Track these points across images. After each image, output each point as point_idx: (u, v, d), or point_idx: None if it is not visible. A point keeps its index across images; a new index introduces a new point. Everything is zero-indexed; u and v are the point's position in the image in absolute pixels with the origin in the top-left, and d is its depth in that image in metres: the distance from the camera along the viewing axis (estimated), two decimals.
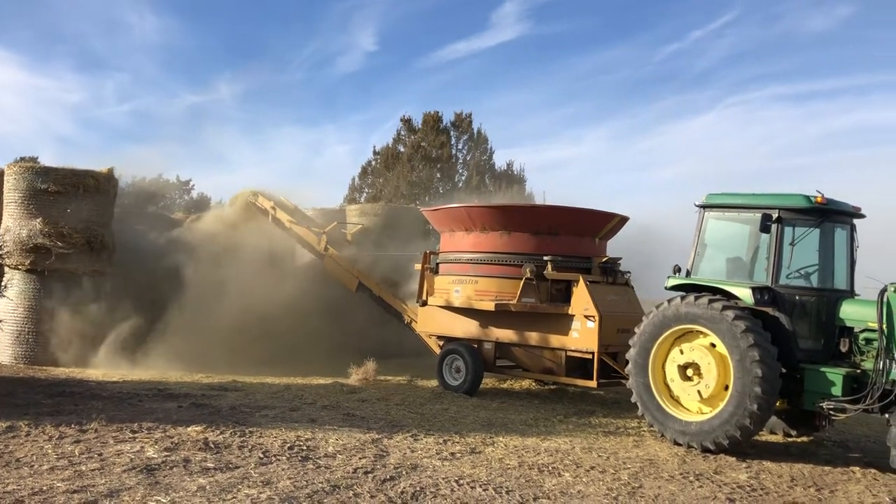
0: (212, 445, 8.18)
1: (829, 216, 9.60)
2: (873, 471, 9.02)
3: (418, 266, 14.16)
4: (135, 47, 62.28)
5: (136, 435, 8.50)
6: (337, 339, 15.17)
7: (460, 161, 30.03)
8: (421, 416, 10.76)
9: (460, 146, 30.14)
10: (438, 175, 29.22)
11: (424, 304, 13.87)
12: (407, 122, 30.20)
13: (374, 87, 62.49)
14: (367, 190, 29.81)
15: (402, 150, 29.65)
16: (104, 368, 13.91)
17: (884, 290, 8.61)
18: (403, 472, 7.63)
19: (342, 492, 6.86)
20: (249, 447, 8.25)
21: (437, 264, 13.92)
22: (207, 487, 6.67)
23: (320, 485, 7.00)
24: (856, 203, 9.93)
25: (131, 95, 66.20)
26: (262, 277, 16.17)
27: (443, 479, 7.48)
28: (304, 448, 8.38)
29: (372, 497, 6.76)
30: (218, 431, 8.83)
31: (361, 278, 15.88)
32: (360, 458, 8.08)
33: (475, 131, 30.07)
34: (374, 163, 30.20)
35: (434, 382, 13.47)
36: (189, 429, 8.87)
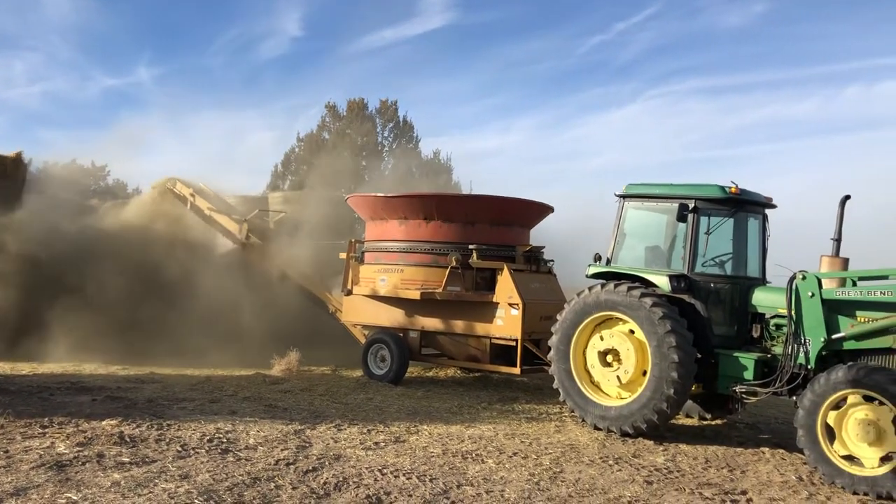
0: (127, 439, 7.92)
1: (743, 206, 9.94)
2: (782, 451, 9.41)
3: (343, 255, 14.03)
4: (48, 26, 59.47)
5: (46, 430, 8.15)
6: (259, 330, 14.87)
7: (386, 149, 29.89)
8: (345, 406, 10.68)
9: (386, 134, 30.01)
10: (364, 163, 29.01)
11: (349, 293, 13.76)
12: (332, 108, 29.87)
13: (299, 72, 61.33)
14: (290, 177, 29.37)
15: (326, 137, 29.31)
16: (10, 361, 13.30)
17: (793, 278, 8.96)
18: (326, 463, 7.56)
19: (263, 484, 6.75)
20: (167, 440, 8.03)
21: (363, 253, 13.82)
22: (122, 483, 6.45)
23: (241, 477, 6.87)
24: (767, 194, 10.31)
25: (43, 76, 63.30)
26: (180, 267, 15.74)
27: (366, 468, 7.44)
28: (224, 440, 8.21)
29: (294, 489, 6.67)
30: (134, 425, 8.55)
31: (284, 267, 15.62)
32: (281, 450, 7.96)
33: (401, 119, 29.99)
34: (297, 150, 29.77)
35: (359, 372, 13.39)
36: (103, 423, 8.55)
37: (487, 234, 12.93)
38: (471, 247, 12.57)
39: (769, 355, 9.31)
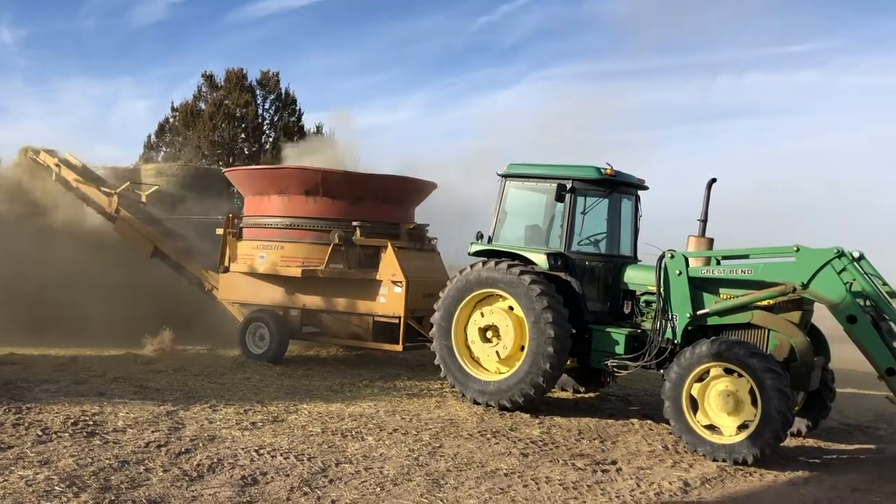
0: None
1: (617, 187, 10.29)
2: (650, 422, 9.88)
3: (220, 231, 13.58)
4: None
5: None
6: (130, 308, 14.20)
7: (267, 122, 29.02)
8: (221, 386, 10.38)
9: (267, 106, 29.13)
10: (243, 135, 28.04)
11: (226, 270, 13.34)
12: (209, 78, 28.67)
13: (178, 40, 58.49)
14: (164, 149, 28.08)
15: (203, 107, 28.17)
16: None
17: (662, 257, 9.37)
18: (200, 444, 7.33)
19: (132, 467, 6.47)
20: (26, 425, 7.56)
21: (241, 229, 13.41)
22: None
23: (107, 461, 6.56)
24: (640, 176, 10.72)
25: None
26: (44, 241, 14.78)
27: (242, 449, 7.27)
28: (91, 423, 7.81)
29: (165, 471, 6.43)
30: None
31: (157, 243, 14.95)
32: (152, 432, 7.66)
33: (283, 91, 29.18)
34: (172, 120, 28.48)
35: (236, 352, 13.04)
36: None
37: (371, 211, 12.82)
38: (354, 224, 12.44)
39: (639, 331, 9.73)
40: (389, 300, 12.06)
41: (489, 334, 10.03)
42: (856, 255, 8.47)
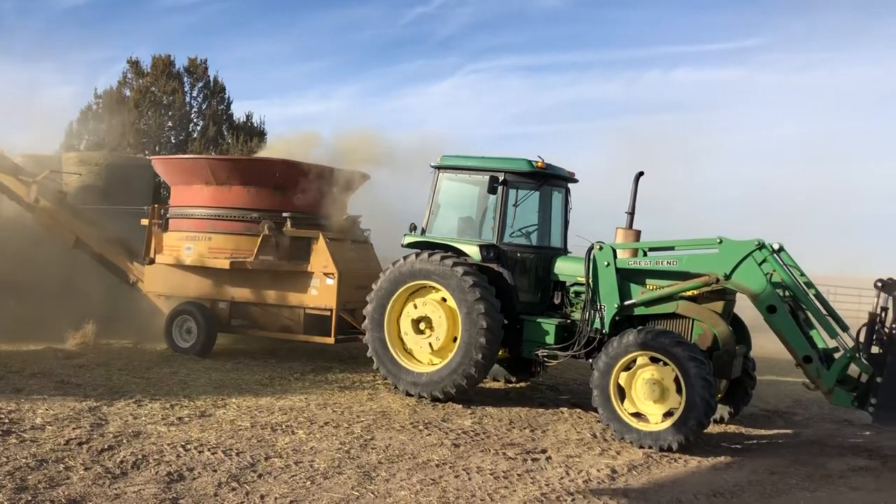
0: None
1: (548, 180, 10.41)
2: (579, 410, 10.06)
3: (145, 221, 13.20)
4: None
5: None
6: (51, 301, 13.67)
7: (195, 110, 28.31)
8: (146, 381, 10.11)
9: (195, 94, 28.42)
10: (170, 124, 27.28)
11: (152, 262, 12.99)
12: (134, 64, 27.77)
13: (105, 23, 56.43)
14: (87, 137, 27.09)
15: (128, 94, 27.28)
16: None
17: (591, 249, 9.53)
18: (124, 441, 7.13)
19: (51, 466, 6.25)
20: None
21: (167, 220, 13.07)
22: None
23: (24, 460, 6.31)
24: (570, 168, 10.87)
25: None
26: None
27: (168, 444, 7.09)
28: (6, 421, 7.50)
29: (86, 469, 6.23)
30: None
31: (79, 233, 14.42)
32: (73, 429, 7.40)
33: (212, 79, 28.50)
34: (95, 107, 27.49)
35: (162, 345, 12.71)
36: None
37: (303, 201, 12.63)
38: (284, 214, 12.25)
39: (569, 321, 9.87)
40: (321, 292, 11.94)
41: (422, 326, 10.03)
42: (776, 246, 8.78)
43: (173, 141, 27.32)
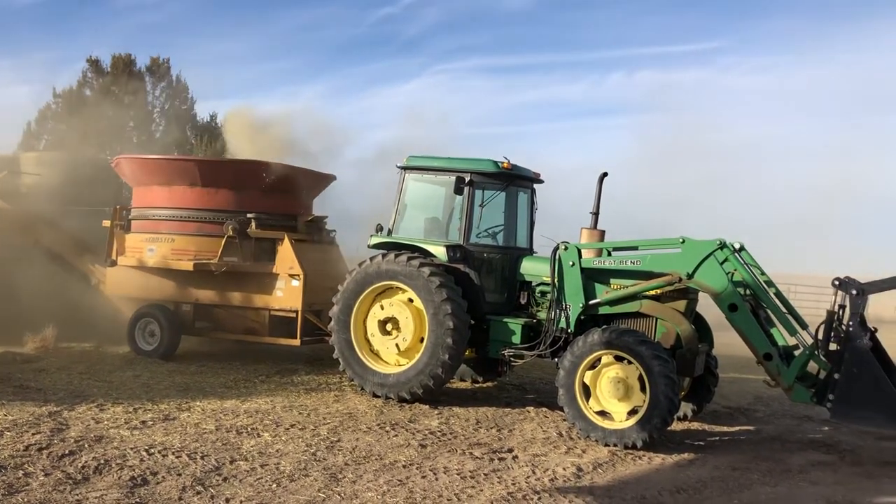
0: None
1: (514, 181, 10.47)
2: (545, 409, 10.12)
3: (107, 223, 13.00)
4: None
5: None
6: (9, 304, 13.39)
7: (157, 110, 27.96)
8: (109, 385, 9.96)
9: (157, 94, 28.07)
10: (132, 124, 26.93)
11: (114, 264, 12.80)
12: (94, 63, 27.34)
13: (63, 22, 55.36)
14: (46, 137, 26.61)
15: (88, 93, 26.85)
16: None
17: (556, 249, 9.60)
18: (86, 446, 7.01)
19: (10, 472, 6.13)
20: None
21: (129, 221, 12.89)
22: None
23: None
24: (536, 169, 10.94)
25: None
26: None
27: (131, 449, 7.00)
28: None
29: (46, 475, 6.12)
30: None
31: (39, 235, 14.17)
32: (33, 434, 7.27)
33: (174, 79, 28.19)
34: (54, 107, 26.99)
35: (125, 348, 12.53)
36: None
37: (267, 202, 12.55)
38: (249, 215, 12.16)
39: (535, 320, 9.94)
40: (286, 294, 11.87)
41: (389, 327, 10.02)
42: (737, 246, 8.94)
43: (135, 141, 26.97)
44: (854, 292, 8.38)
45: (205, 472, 6.53)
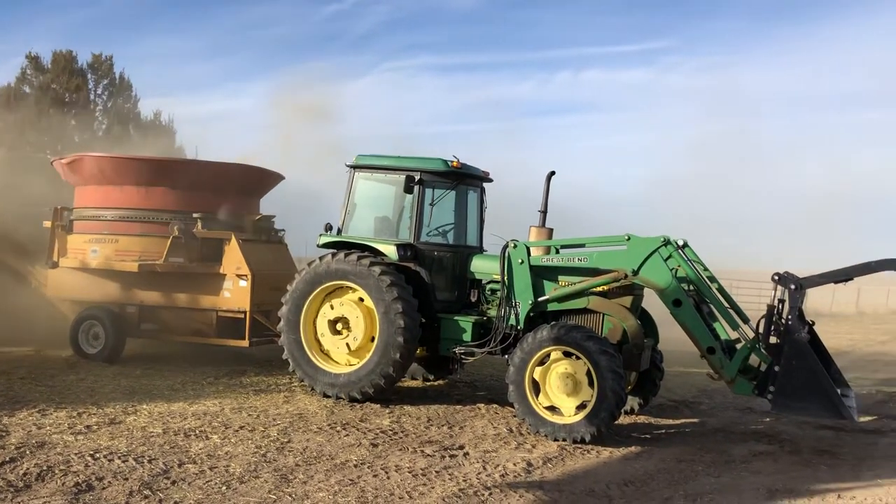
0: None
1: (463, 179, 10.53)
2: (496, 406, 10.21)
3: (48, 223, 12.67)
4: None
5: None
6: None
7: (100, 108, 27.30)
8: (51, 389, 9.71)
9: (100, 91, 27.40)
10: (73, 122, 26.25)
11: (55, 265, 12.49)
12: (34, 59, 26.56)
13: (1, 15, 53.60)
14: None
15: (28, 91, 26.08)
16: None
17: (506, 247, 9.69)
18: (27, 452, 6.84)
19: None
20: None
21: (71, 222, 12.59)
22: None
23: None
24: (485, 168, 11.02)
25: None
26: None
27: (75, 454, 6.85)
28: None
29: None
30: None
31: None
32: None
33: (117, 76, 27.55)
34: None
35: (68, 351, 12.23)
36: None
37: (214, 202, 12.38)
38: (195, 215, 11.98)
39: (485, 318, 10.01)
40: (234, 294, 11.73)
41: (339, 326, 9.99)
42: (680, 243, 9.14)
43: (77, 140, 26.29)
44: (793, 287, 8.64)
45: (152, 475, 6.43)
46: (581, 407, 8.61)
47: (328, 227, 10.57)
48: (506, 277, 9.61)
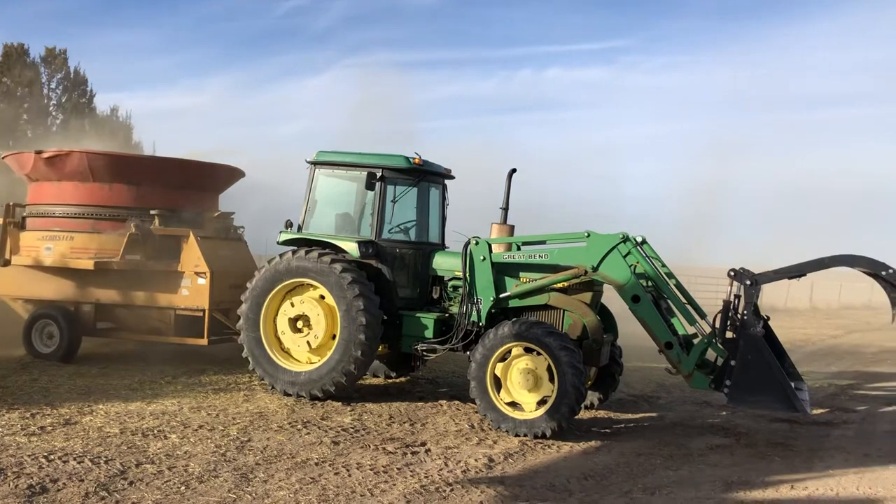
0: None
1: (425, 176, 10.52)
2: (457, 402, 10.24)
3: None
4: None
5: None
6: None
7: (54, 103, 26.72)
8: (2, 390, 9.49)
9: (54, 86, 26.82)
10: (25, 116, 25.64)
11: (7, 263, 12.18)
12: None
13: None
14: None
15: None
16: None
17: (467, 244, 9.72)
18: None
19: None
20: None
21: (24, 218, 12.30)
22: None
23: None
24: (447, 165, 11.03)
25: None
26: None
27: (29, 456, 6.71)
28: None
29: None
30: None
31: None
32: None
33: (72, 70, 26.98)
34: None
35: (21, 351, 11.95)
36: None
37: (172, 198, 12.20)
38: (152, 212, 11.79)
39: (447, 315, 10.03)
40: (193, 292, 11.57)
41: (300, 324, 9.92)
42: (639, 239, 9.26)
43: (30, 135, 25.71)
44: (748, 283, 8.81)
45: (109, 476, 6.33)
46: (542, 402, 8.68)
47: (288, 224, 10.48)
48: (468, 274, 9.64)
